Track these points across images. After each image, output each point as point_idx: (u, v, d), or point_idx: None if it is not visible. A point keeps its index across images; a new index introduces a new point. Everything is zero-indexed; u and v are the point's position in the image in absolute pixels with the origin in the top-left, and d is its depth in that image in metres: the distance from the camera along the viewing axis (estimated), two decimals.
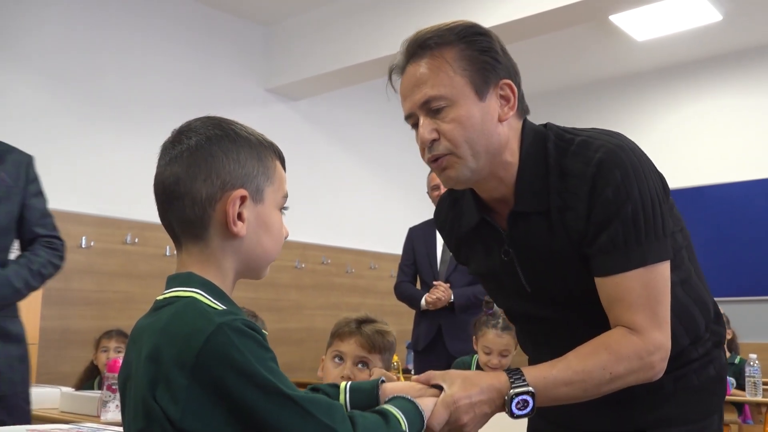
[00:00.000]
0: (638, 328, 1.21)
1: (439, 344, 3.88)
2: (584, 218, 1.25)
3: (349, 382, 1.19)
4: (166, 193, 1.04)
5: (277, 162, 1.10)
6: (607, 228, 1.23)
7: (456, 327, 3.88)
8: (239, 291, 1.08)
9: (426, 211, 4.71)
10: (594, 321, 1.28)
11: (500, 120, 1.29)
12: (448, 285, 3.91)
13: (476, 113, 1.26)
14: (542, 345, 1.45)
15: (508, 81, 1.30)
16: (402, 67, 1.32)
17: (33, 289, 2.35)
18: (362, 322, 1.84)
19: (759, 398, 4.02)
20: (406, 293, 4.12)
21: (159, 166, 1.06)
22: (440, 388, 1.17)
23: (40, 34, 4.58)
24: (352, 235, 6.24)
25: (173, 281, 1.04)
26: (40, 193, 2.46)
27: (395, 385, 1.19)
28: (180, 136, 1.06)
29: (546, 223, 1.29)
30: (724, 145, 6.18)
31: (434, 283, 3.94)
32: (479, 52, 1.28)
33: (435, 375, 1.19)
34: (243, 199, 1.03)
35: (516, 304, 1.45)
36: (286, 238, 1.12)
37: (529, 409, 1.17)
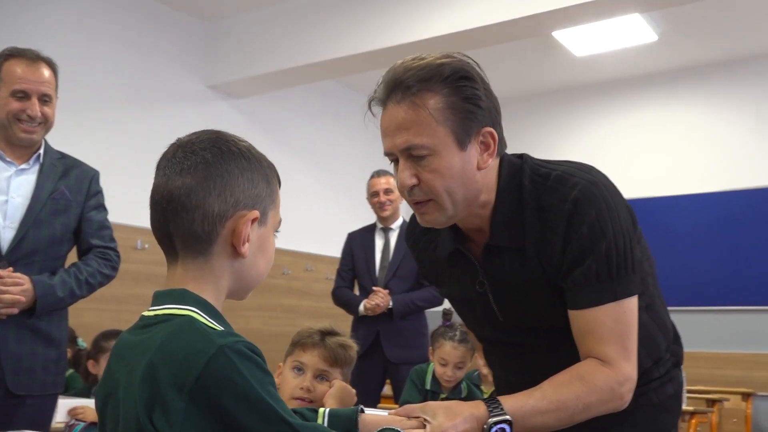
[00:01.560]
0: (609, 360, 1.26)
1: (377, 350, 3.89)
2: (560, 253, 1.28)
3: (328, 409, 1.18)
4: (173, 203, 1.00)
5: (277, 186, 1.09)
6: (582, 264, 1.26)
7: (394, 333, 3.91)
8: None
9: (365, 215, 4.71)
10: (561, 346, 1.33)
11: (479, 168, 1.30)
12: (387, 291, 3.93)
13: (456, 163, 1.27)
14: (511, 367, 1.49)
15: (490, 129, 1.30)
16: (382, 101, 1.30)
17: (78, 297, 2.45)
18: (326, 334, 1.81)
19: (683, 407, 4.15)
20: (344, 298, 4.12)
21: (164, 176, 1.02)
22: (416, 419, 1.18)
23: None
24: (290, 237, 6.15)
25: (165, 297, 1.01)
26: (100, 207, 2.58)
27: (375, 417, 1.19)
28: (193, 146, 1.02)
29: (520, 257, 1.32)
30: (652, 160, 6.38)
31: (373, 288, 3.95)
32: (463, 100, 1.26)
33: (414, 408, 1.20)
34: (254, 220, 1.02)
35: (487, 329, 1.48)
36: None
37: None
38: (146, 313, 1.02)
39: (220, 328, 0.96)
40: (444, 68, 1.26)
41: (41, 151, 2.47)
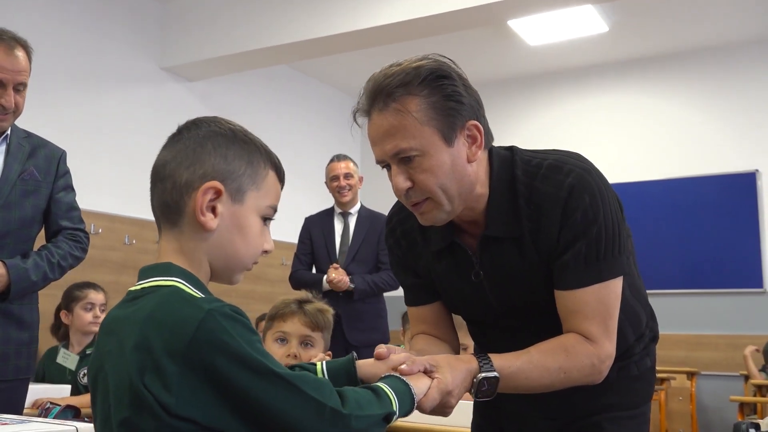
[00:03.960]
0: (592, 337, 1.32)
1: (337, 333, 3.88)
2: (555, 239, 1.33)
3: (324, 362, 1.21)
4: (154, 175, 1.08)
5: (271, 172, 1.11)
6: (573, 247, 1.32)
7: (355, 316, 3.92)
8: (119, 275, 1.07)
9: (323, 200, 4.72)
10: (549, 326, 1.38)
11: (469, 161, 1.33)
12: (343, 270, 3.94)
13: (446, 160, 1.30)
14: (498, 347, 1.53)
15: (474, 122, 1.33)
16: (367, 111, 1.32)
17: (51, 280, 2.42)
18: (302, 302, 1.85)
19: None
20: (304, 279, 4.10)
21: (158, 155, 1.10)
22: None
23: None
24: None
25: (151, 271, 1.05)
26: (68, 187, 2.52)
27: (370, 362, 1.24)
28: (184, 128, 1.10)
29: (517, 246, 1.36)
30: (602, 146, 6.51)
31: (334, 265, 3.95)
32: (444, 98, 1.29)
33: (423, 361, 1.22)
34: (218, 192, 1.05)
35: (479, 315, 1.52)
36: (268, 252, 1.13)
37: (491, 392, 1.26)
38: (133, 288, 1.05)
39: (202, 296, 1.00)
40: (421, 70, 1.30)
41: (8, 131, 2.40)
